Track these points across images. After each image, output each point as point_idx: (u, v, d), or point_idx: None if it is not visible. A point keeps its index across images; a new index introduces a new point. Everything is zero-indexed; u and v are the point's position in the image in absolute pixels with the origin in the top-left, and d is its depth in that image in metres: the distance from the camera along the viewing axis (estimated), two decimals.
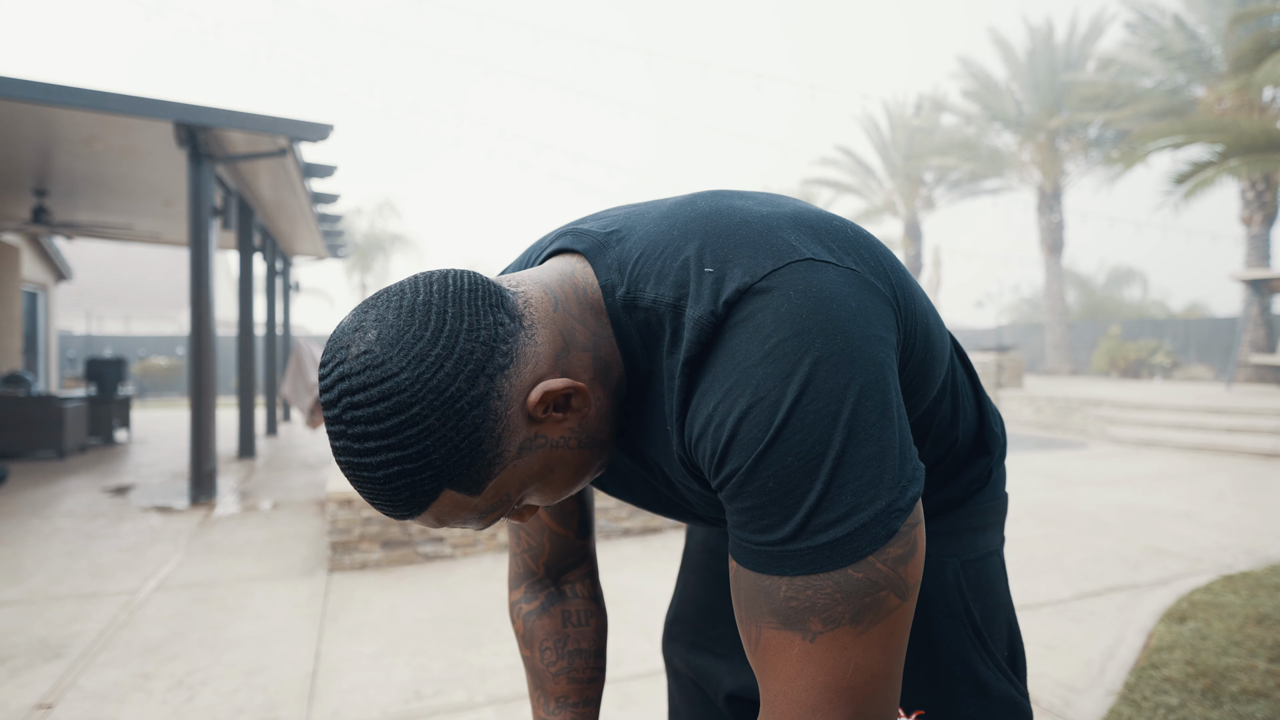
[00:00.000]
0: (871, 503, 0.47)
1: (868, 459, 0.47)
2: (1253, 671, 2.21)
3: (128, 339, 18.91)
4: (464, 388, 0.49)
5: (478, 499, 0.53)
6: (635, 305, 0.56)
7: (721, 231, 0.55)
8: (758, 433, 0.47)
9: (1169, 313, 24.67)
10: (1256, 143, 10.48)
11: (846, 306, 0.49)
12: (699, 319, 0.51)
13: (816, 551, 0.47)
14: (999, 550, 0.76)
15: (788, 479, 0.47)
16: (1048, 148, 17.43)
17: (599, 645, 0.83)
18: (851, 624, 0.47)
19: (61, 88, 4.48)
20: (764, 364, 0.48)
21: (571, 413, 0.54)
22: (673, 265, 0.55)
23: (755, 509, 0.48)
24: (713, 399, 0.50)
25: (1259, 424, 7.37)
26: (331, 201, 7.69)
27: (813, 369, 0.47)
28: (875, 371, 0.48)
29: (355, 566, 3.49)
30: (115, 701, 2.16)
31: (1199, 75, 13.65)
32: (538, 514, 0.80)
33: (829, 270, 0.51)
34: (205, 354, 5.06)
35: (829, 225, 0.57)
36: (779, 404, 0.47)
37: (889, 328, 0.52)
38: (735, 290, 0.51)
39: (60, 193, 7.14)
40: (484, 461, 0.51)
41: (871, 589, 0.47)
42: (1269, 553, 3.62)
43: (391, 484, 0.50)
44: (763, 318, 0.49)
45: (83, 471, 6.28)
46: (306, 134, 5.12)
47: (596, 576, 0.86)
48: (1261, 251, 13.44)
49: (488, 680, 2.28)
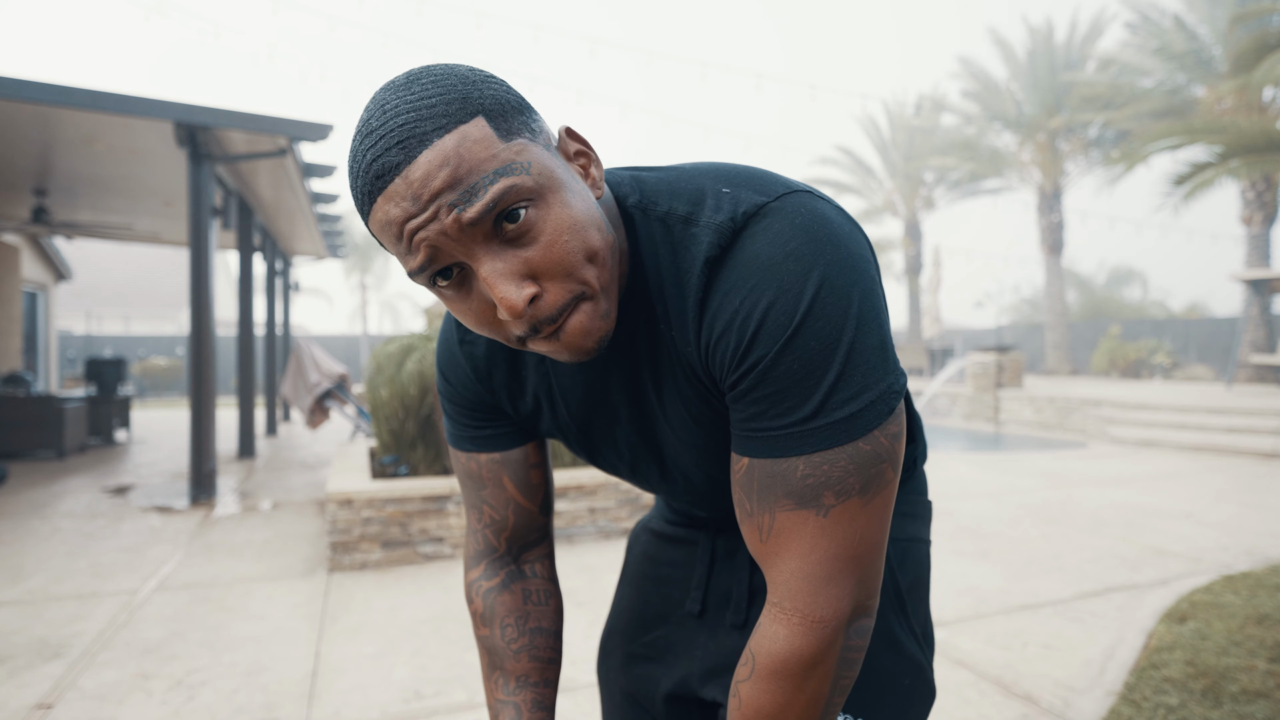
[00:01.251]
0: (877, 383, 0.54)
1: (873, 346, 0.53)
2: (1253, 672, 2.21)
3: (128, 339, 18.91)
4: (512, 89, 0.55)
5: (502, 145, 0.51)
6: (647, 213, 0.61)
7: (731, 171, 0.61)
8: (784, 320, 0.53)
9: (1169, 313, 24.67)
10: (1256, 143, 10.48)
11: (844, 229, 0.56)
12: (720, 224, 0.56)
13: (834, 426, 0.53)
14: (926, 542, 0.81)
15: (810, 362, 0.52)
16: (1048, 148, 17.43)
17: (557, 626, 0.83)
18: (860, 494, 0.54)
19: (61, 88, 4.48)
20: (785, 263, 0.53)
21: (589, 179, 0.58)
22: (687, 187, 0.60)
23: (777, 394, 0.54)
24: (738, 295, 0.55)
25: (1259, 424, 7.37)
26: (331, 201, 7.69)
27: (826, 269, 0.53)
28: (870, 281, 0.55)
29: (355, 566, 3.49)
30: (115, 701, 2.16)
31: (1199, 75, 13.64)
32: (503, 485, 0.79)
33: (826, 203, 0.58)
34: (205, 354, 5.06)
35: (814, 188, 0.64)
36: (801, 295, 0.52)
37: (871, 255, 0.59)
38: (754, 204, 0.56)
39: (60, 193, 7.13)
40: (521, 117, 0.53)
41: (876, 460, 0.54)
42: (1269, 553, 3.62)
43: (428, 98, 0.50)
44: (780, 226, 0.55)
45: (83, 471, 6.28)
46: (306, 134, 5.12)
47: (554, 559, 0.87)
48: (1261, 251, 13.43)
49: None
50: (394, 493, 3.60)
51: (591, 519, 3.94)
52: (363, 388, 5.48)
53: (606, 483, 3.97)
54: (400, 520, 3.59)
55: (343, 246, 11.27)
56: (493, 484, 0.80)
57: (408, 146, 0.48)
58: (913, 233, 21.43)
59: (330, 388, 7.22)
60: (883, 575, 0.58)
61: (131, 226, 8.68)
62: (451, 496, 3.68)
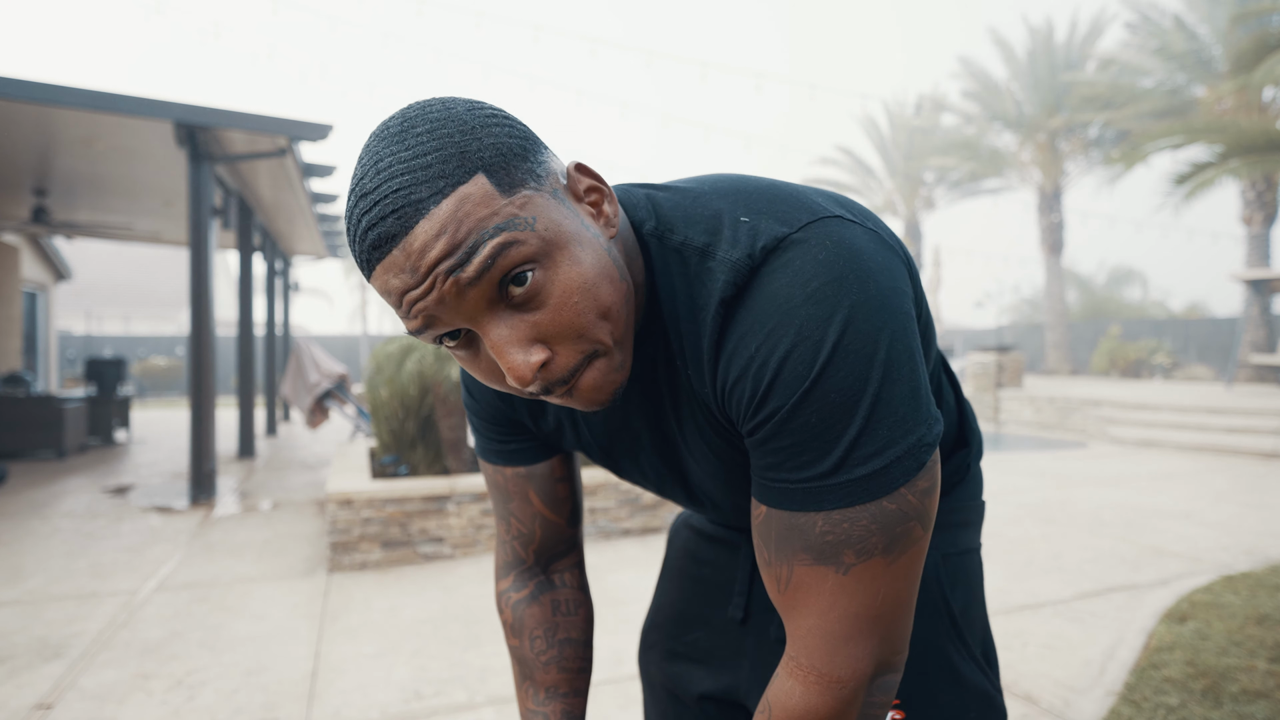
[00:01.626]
0: (905, 437, 0.49)
1: (901, 396, 0.49)
2: (1253, 672, 2.21)
3: (128, 339, 18.92)
4: (515, 122, 0.51)
5: (504, 201, 0.47)
6: (663, 242, 0.57)
7: (751, 191, 0.57)
8: (803, 370, 0.49)
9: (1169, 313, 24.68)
10: (1257, 143, 10.48)
11: (875, 260, 0.52)
12: (736, 261, 0.52)
13: (855, 484, 0.49)
14: (978, 550, 0.77)
15: (830, 415, 0.49)
16: (1048, 148, 17.43)
17: (587, 635, 0.83)
18: (883, 554, 0.50)
19: (61, 88, 4.48)
20: (806, 306, 0.49)
21: (602, 219, 0.54)
22: (703, 214, 0.56)
23: (795, 446, 0.50)
24: (754, 340, 0.51)
25: (1259, 424, 7.37)
26: (331, 201, 7.69)
27: (851, 311, 0.49)
28: (902, 319, 0.51)
29: (355, 566, 3.49)
30: (115, 701, 2.16)
31: (1199, 75, 13.64)
32: (529, 500, 0.78)
33: (855, 228, 0.53)
34: (205, 354, 5.06)
35: (845, 198, 0.59)
36: (822, 343, 0.49)
37: (907, 285, 0.54)
38: (773, 238, 0.52)
39: (60, 193, 7.13)
40: (524, 164, 0.49)
41: (902, 519, 0.50)
42: (1269, 553, 3.62)
43: (425, 155, 0.46)
44: (801, 264, 0.51)
45: (82, 471, 6.28)
46: (306, 134, 5.12)
47: (583, 567, 0.86)
48: (1261, 251, 13.44)
49: (488, 680, 2.28)
50: (394, 493, 3.59)
51: (591, 519, 3.94)
52: (363, 388, 5.48)
53: (607, 482, 3.97)
54: (400, 520, 3.59)
55: (342, 246, 11.26)
56: (519, 498, 0.79)
57: (404, 216, 0.45)
58: (913, 233, 21.44)
59: (330, 388, 7.22)
60: (911, 627, 0.55)
61: (131, 226, 8.68)
62: (451, 496, 3.68)
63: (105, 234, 9.28)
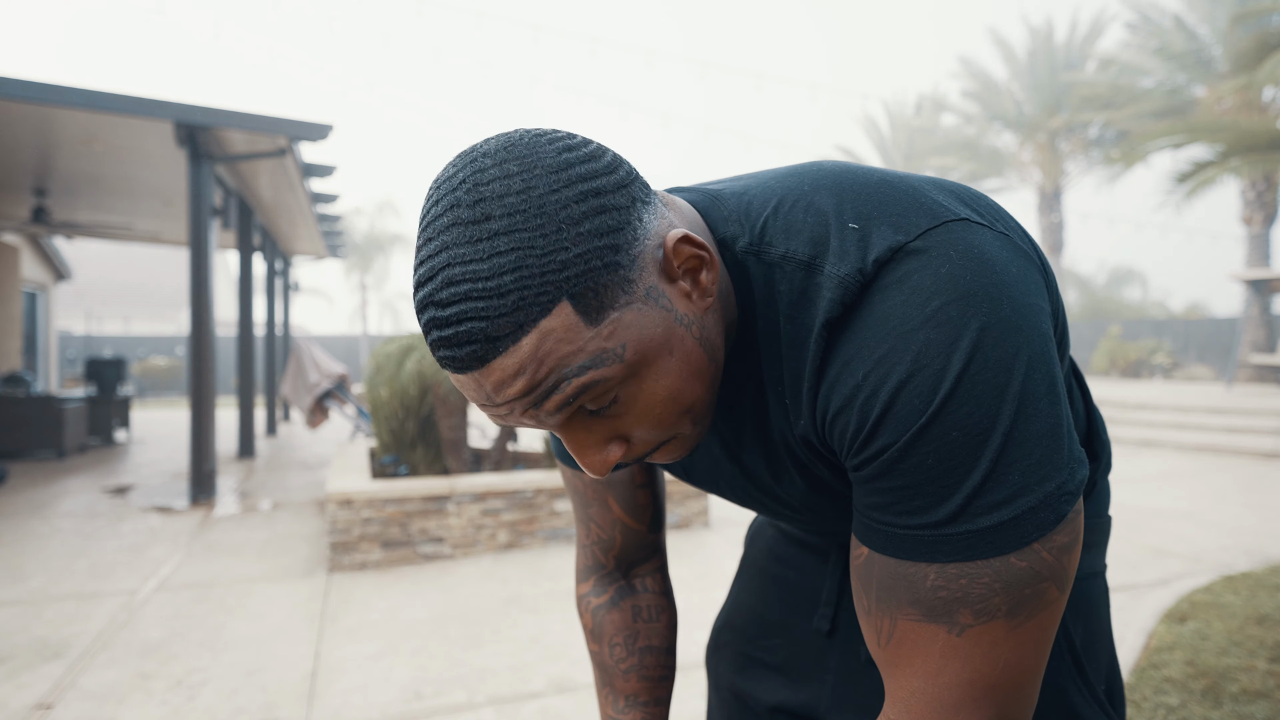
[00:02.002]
0: (1041, 484, 0.42)
1: (1037, 435, 0.42)
2: (1253, 672, 2.21)
3: (128, 339, 18.92)
4: (610, 185, 0.44)
5: (591, 333, 0.43)
6: (761, 259, 0.51)
7: (860, 188, 0.50)
8: (920, 404, 0.43)
9: (1169, 313, 24.67)
10: (1258, 142, 10.49)
11: (1009, 272, 0.45)
12: (844, 277, 0.46)
13: (977, 536, 0.42)
14: (1102, 573, 0.68)
15: (950, 456, 0.42)
16: (1048, 148, 17.43)
17: (670, 642, 0.80)
18: (1007, 617, 0.43)
19: (61, 88, 4.48)
20: (925, 329, 0.43)
21: (698, 292, 0.48)
22: (807, 219, 0.49)
23: (907, 489, 0.44)
24: (861, 367, 0.45)
25: (1259, 424, 7.37)
26: (331, 201, 7.69)
27: (980, 335, 0.42)
28: (1041, 342, 0.44)
29: (355, 567, 3.49)
30: (115, 701, 2.16)
31: (1199, 75, 13.65)
32: (608, 507, 0.76)
33: (986, 233, 0.47)
34: (205, 354, 5.06)
35: (969, 191, 0.52)
36: (944, 373, 0.42)
37: (1044, 298, 0.48)
38: (888, 248, 0.46)
39: (60, 193, 7.13)
40: (614, 275, 0.43)
41: (1034, 580, 0.43)
42: (1269, 553, 3.62)
43: (501, 277, 0.41)
44: (920, 278, 0.44)
45: (82, 471, 6.28)
46: (306, 134, 5.12)
47: (666, 571, 0.83)
48: (1261, 251, 13.44)
49: (488, 680, 2.28)
50: (394, 493, 3.59)
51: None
52: (363, 388, 5.48)
53: None
54: (400, 520, 3.59)
55: (343, 246, 11.27)
56: (598, 504, 0.77)
57: (480, 353, 0.42)
58: None
59: (330, 388, 7.22)
60: (1036, 700, 0.46)
61: (131, 226, 8.68)
62: (451, 496, 3.68)
63: (105, 234, 9.28)
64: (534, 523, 3.82)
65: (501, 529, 3.76)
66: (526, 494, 3.81)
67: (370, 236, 24.64)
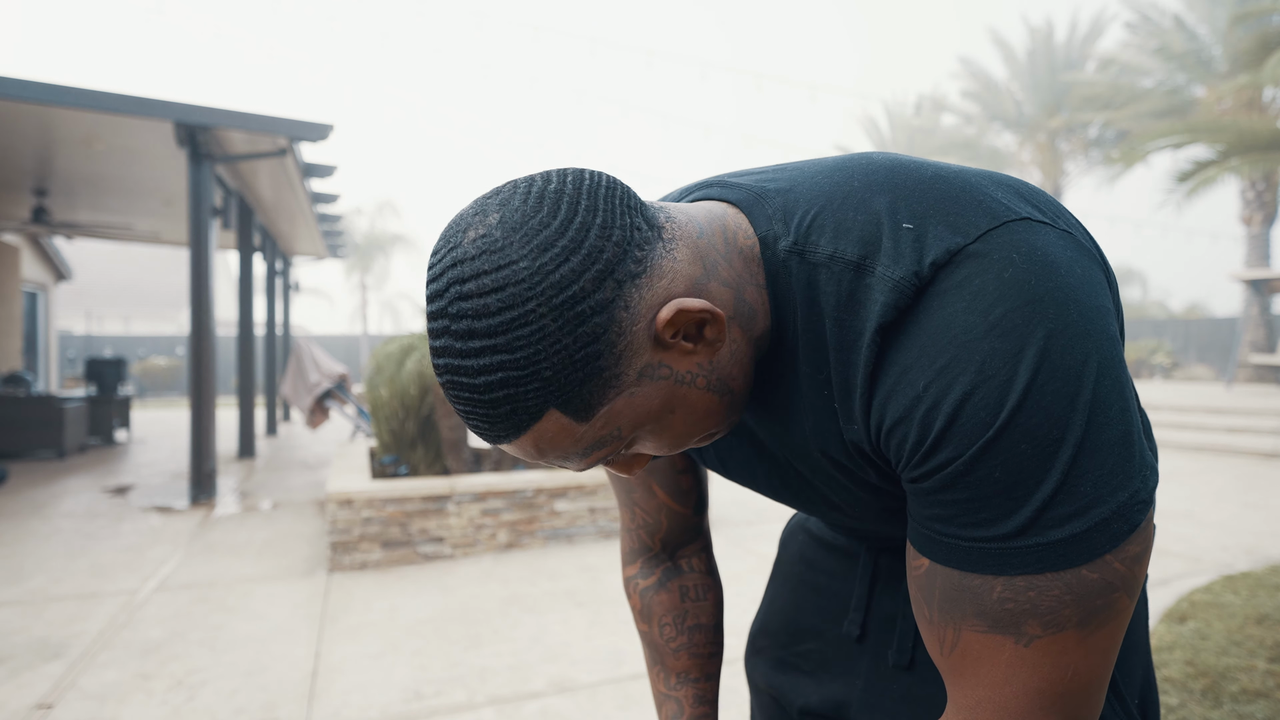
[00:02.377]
0: (1114, 494, 0.41)
1: (1110, 443, 0.41)
2: (1253, 671, 2.21)
3: (128, 339, 18.92)
4: (588, 288, 0.43)
5: (585, 427, 0.46)
6: (805, 259, 0.49)
7: (915, 185, 0.48)
8: (986, 416, 0.41)
9: (1169, 313, 24.68)
10: (1258, 142, 10.49)
11: (1074, 273, 0.43)
12: (899, 280, 0.44)
13: (1048, 549, 0.41)
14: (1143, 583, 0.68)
15: (1019, 468, 0.41)
16: (1048, 148, 17.44)
17: (717, 620, 0.82)
18: (1078, 628, 0.42)
19: (61, 88, 4.48)
20: (989, 338, 0.42)
21: (703, 344, 0.48)
22: (857, 218, 0.48)
23: (973, 501, 0.42)
24: (921, 377, 0.43)
25: (1259, 424, 7.37)
26: (331, 201, 7.69)
27: (1047, 343, 0.41)
28: (1110, 346, 0.43)
29: (355, 566, 3.49)
30: (115, 701, 2.16)
31: (1199, 75, 13.65)
32: (653, 492, 0.78)
33: (1049, 232, 0.45)
34: (205, 354, 5.06)
35: (1028, 186, 0.50)
36: (1011, 383, 0.41)
37: (1108, 299, 0.45)
38: (945, 251, 0.44)
39: (60, 193, 7.14)
40: (598, 380, 0.45)
41: (1106, 590, 0.41)
42: (1269, 553, 3.62)
43: (492, 393, 0.44)
44: (982, 283, 0.43)
45: (83, 471, 6.28)
46: (306, 134, 5.12)
47: (711, 551, 0.85)
48: (1261, 251, 13.44)
49: (488, 680, 2.28)
50: (394, 493, 3.60)
51: (591, 519, 3.94)
52: (363, 388, 5.48)
53: (606, 482, 3.97)
54: (400, 520, 3.59)
55: (343, 246, 11.27)
56: (642, 489, 0.78)
57: (488, 439, 0.47)
58: None
59: (330, 387, 7.22)
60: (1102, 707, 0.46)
61: (131, 226, 8.69)
62: (451, 496, 3.68)
63: (105, 234, 9.28)
64: (534, 523, 3.82)
65: (501, 529, 3.76)
66: (526, 494, 3.81)
67: (370, 236, 24.64)
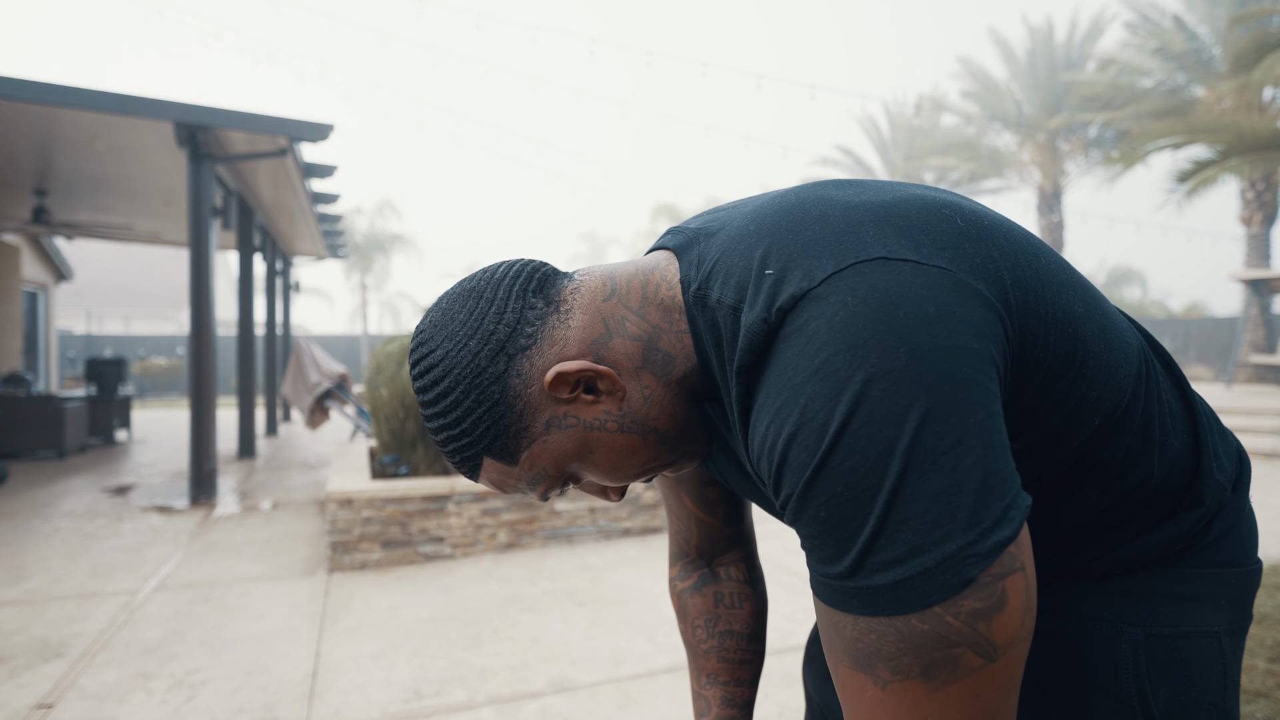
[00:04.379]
0: (939, 545, 0.40)
1: (934, 493, 0.40)
2: (1253, 671, 2.21)
3: (128, 339, 18.91)
4: (483, 363, 0.55)
5: (517, 469, 0.58)
6: (704, 304, 0.54)
7: (794, 228, 0.49)
8: (805, 458, 0.42)
9: (1169, 313, 24.67)
10: (1258, 142, 10.48)
11: (919, 314, 0.42)
12: (751, 325, 0.47)
13: (875, 593, 0.41)
14: (1221, 634, 0.58)
15: (840, 510, 0.42)
16: (1048, 148, 17.43)
17: (754, 628, 0.83)
18: (922, 679, 0.41)
19: (61, 88, 4.48)
20: (813, 381, 0.43)
21: (604, 396, 0.56)
22: (738, 264, 0.51)
23: (813, 538, 0.44)
24: (766, 418, 0.46)
25: (1259, 424, 7.37)
26: (331, 201, 7.69)
27: (864, 387, 0.41)
28: (951, 391, 0.41)
29: (355, 566, 3.49)
30: (115, 701, 2.16)
31: (1199, 75, 13.65)
32: (682, 502, 0.82)
33: (903, 270, 0.44)
34: (205, 354, 5.06)
35: (932, 215, 0.49)
36: (826, 427, 0.42)
37: (986, 337, 0.44)
38: (791, 296, 0.46)
39: (60, 193, 7.14)
40: (510, 433, 0.56)
41: (941, 644, 0.40)
42: (1269, 552, 3.62)
43: (447, 448, 0.58)
44: (816, 327, 0.44)
45: (83, 471, 6.28)
46: (306, 134, 5.12)
47: (754, 560, 0.86)
48: (1261, 251, 13.44)
49: (488, 680, 2.28)
50: (394, 493, 3.60)
51: (592, 519, 3.95)
52: (363, 388, 5.48)
53: None
54: (400, 520, 3.59)
55: (343, 246, 11.26)
56: (673, 498, 0.82)
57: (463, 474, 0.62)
58: None
59: (330, 387, 7.22)
60: None
61: (131, 226, 8.68)
62: (451, 496, 3.68)
63: (105, 234, 9.28)
64: (534, 523, 3.82)
65: (501, 529, 3.76)
66: (560, 495, 3.80)
67: (370, 236, 24.63)
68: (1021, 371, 0.48)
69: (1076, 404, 0.51)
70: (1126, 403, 0.53)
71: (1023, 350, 0.47)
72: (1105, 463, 0.54)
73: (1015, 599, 0.41)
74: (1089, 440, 0.52)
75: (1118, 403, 0.52)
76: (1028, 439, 0.50)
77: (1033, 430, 0.50)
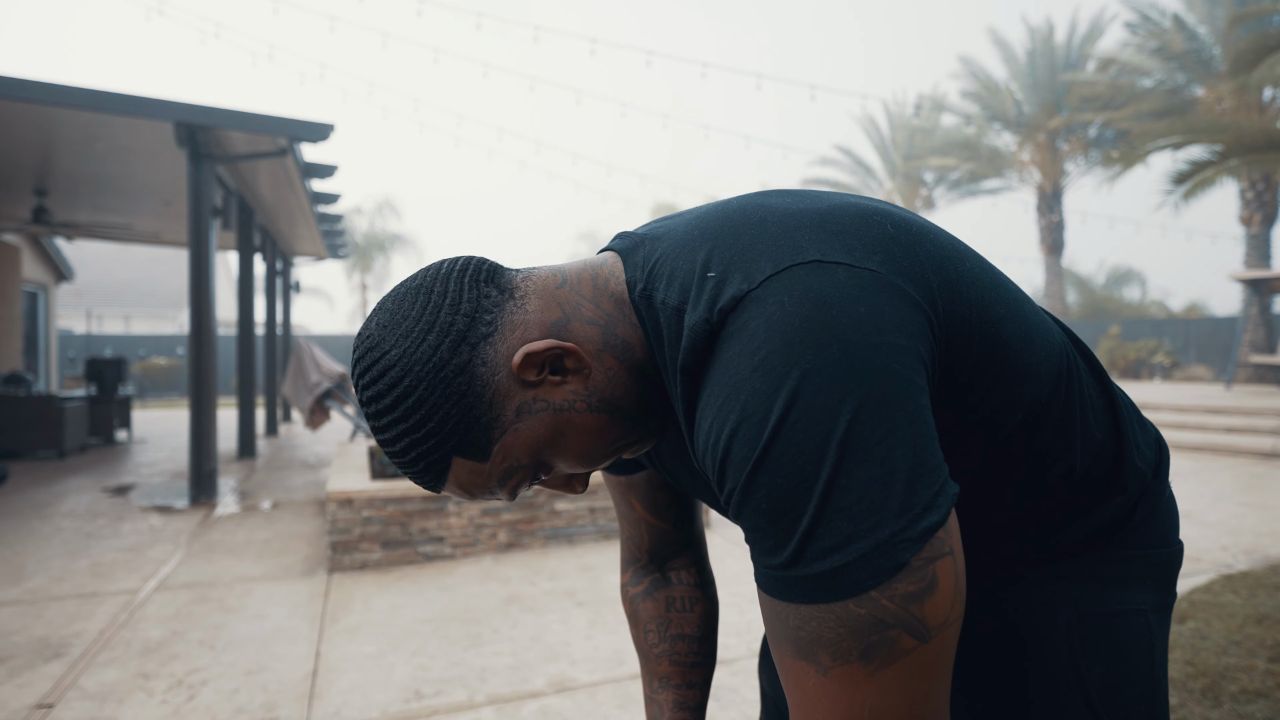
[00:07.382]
0: (872, 531, 0.42)
1: (867, 482, 0.42)
2: (1252, 671, 2.21)
3: (128, 339, 18.90)
4: (446, 356, 0.53)
5: (488, 465, 0.55)
6: (649, 304, 0.55)
7: (735, 233, 0.52)
8: (746, 452, 0.44)
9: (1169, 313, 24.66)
10: (1257, 142, 10.48)
11: (851, 312, 0.45)
12: (693, 326, 0.50)
13: (814, 580, 0.43)
14: (1148, 612, 0.61)
15: (780, 501, 0.44)
16: (1048, 148, 17.43)
17: (704, 631, 0.84)
18: (861, 662, 0.43)
19: (61, 88, 4.48)
20: (753, 378, 0.45)
21: (571, 375, 0.55)
22: (682, 266, 0.53)
23: (755, 530, 0.46)
24: (709, 415, 0.48)
25: (1259, 424, 7.37)
26: (331, 201, 7.69)
27: (800, 383, 0.43)
28: (882, 385, 0.43)
29: (355, 566, 3.49)
30: (115, 701, 2.16)
31: (1199, 75, 13.65)
32: (632, 507, 0.82)
33: (836, 272, 0.47)
34: (205, 354, 5.06)
35: (864, 222, 0.52)
36: (765, 421, 0.44)
37: (913, 335, 0.46)
38: (731, 298, 0.48)
39: (60, 193, 7.14)
40: (480, 425, 0.54)
41: (878, 627, 0.42)
42: (1269, 553, 3.62)
43: (408, 455, 0.54)
44: (755, 327, 0.46)
45: (83, 471, 6.28)
46: (306, 134, 5.12)
47: (704, 564, 0.87)
48: (1261, 251, 13.43)
49: (488, 680, 2.28)
50: (394, 493, 3.60)
51: (591, 519, 3.95)
52: None
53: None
54: (400, 520, 3.59)
55: (343, 246, 11.26)
56: (624, 503, 0.83)
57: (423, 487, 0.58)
58: None
59: (331, 387, 7.22)
60: None
61: (131, 226, 8.68)
62: (451, 496, 3.68)
63: (105, 234, 9.28)
64: (534, 523, 3.83)
65: (501, 529, 3.76)
66: (526, 493, 3.81)
67: (370, 236, 24.63)
68: (948, 368, 0.50)
69: (1000, 399, 0.53)
70: (1047, 397, 0.56)
71: (949, 348, 0.50)
72: (1031, 455, 0.57)
73: (945, 582, 0.43)
74: (1014, 433, 0.55)
75: (1038, 397, 0.55)
76: (956, 433, 0.53)
77: (960, 424, 0.53)
